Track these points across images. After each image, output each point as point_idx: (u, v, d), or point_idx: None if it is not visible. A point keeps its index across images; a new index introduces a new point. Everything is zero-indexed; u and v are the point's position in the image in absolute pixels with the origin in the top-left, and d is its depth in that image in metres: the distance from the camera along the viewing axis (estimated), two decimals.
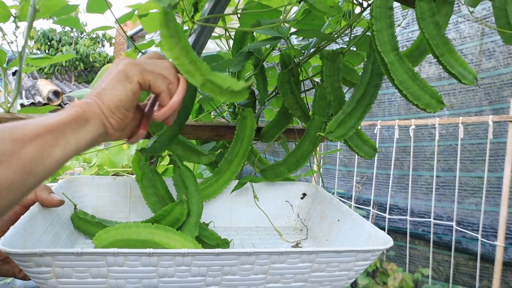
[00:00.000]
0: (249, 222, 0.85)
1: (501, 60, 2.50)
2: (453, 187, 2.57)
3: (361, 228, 0.68)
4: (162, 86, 0.53)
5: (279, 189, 0.89)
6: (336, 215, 0.76)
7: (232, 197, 0.85)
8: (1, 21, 0.72)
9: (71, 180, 0.74)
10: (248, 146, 0.78)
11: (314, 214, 0.84)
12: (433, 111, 0.64)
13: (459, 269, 2.64)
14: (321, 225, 0.80)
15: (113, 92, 0.50)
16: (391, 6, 0.66)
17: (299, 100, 0.83)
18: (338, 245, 0.71)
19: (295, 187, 0.90)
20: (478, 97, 2.60)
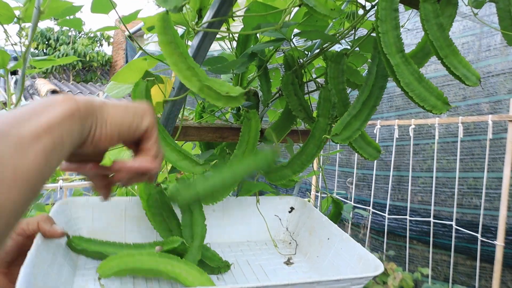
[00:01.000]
0: (241, 236, 0.87)
1: (478, 53, 2.54)
2: (452, 187, 2.57)
3: (352, 249, 0.70)
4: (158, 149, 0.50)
5: (267, 203, 0.90)
6: (326, 233, 0.78)
7: (224, 212, 0.87)
8: (5, 23, 0.72)
9: (65, 202, 0.74)
10: (253, 148, 0.78)
11: (303, 229, 0.86)
12: (439, 113, 0.64)
13: (458, 269, 2.65)
14: (311, 241, 0.82)
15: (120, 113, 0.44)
16: (397, 8, 0.66)
17: (303, 102, 0.83)
18: (329, 263, 0.74)
19: (283, 201, 0.91)
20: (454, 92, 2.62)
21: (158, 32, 0.53)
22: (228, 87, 0.57)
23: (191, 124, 0.88)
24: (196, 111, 1.02)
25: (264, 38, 0.91)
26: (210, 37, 0.71)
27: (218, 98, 0.56)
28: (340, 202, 1.09)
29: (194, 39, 0.72)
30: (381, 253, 2.90)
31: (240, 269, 0.75)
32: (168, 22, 0.53)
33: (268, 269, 0.76)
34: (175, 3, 0.51)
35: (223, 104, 0.57)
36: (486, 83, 2.47)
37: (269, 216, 0.89)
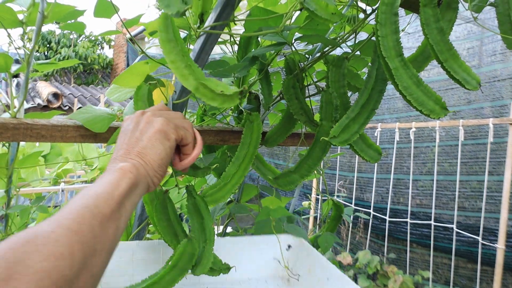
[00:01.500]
0: (242, 274, 0.89)
1: (484, 58, 2.53)
2: (453, 190, 2.57)
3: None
4: (190, 138, 0.60)
5: (265, 240, 0.93)
6: (325, 273, 0.80)
7: (224, 251, 0.88)
8: (9, 27, 0.73)
9: None
10: (254, 150, 0.79)
11: (302, 267, 0.88)
12: (436, 117, 0.64)
13: (459, 272, 2.65)
14: (310, 279, 0.84)
15: (154, 151, 0.53)
16: (396, 12, 0.67)
17: (304, 105, 0.83)
18: None
19: (281, 239, 0.94)
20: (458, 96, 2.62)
21: (159, 29, 0.54)
22: (223, 86, 0.58)
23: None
24: (198, 114, 1.02)
25: (265, 42, 0.92)
26: (212, 41, 0.72)
27: (213, 97, 0.57)
28: (340, 205, 1.09)
29: (196, 42, 0.72)
30: (381, 256, 2.90)
31: None
32: (170, 21, 0.53)
33: None
34: (178, 8, 0.52)
35: (218, 103, 0.58)
36: (491, 88, 2.47)
37: (268, 253, 0.92)
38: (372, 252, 2.99)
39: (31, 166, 1.67)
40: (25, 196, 1.89)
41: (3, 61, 0.74)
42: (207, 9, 0.67)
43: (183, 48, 0.57)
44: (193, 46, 0.77)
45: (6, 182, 0.94)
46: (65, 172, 2.15)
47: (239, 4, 0.75)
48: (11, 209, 0.97)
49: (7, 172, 0.92)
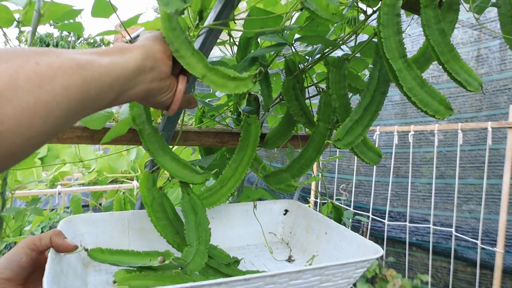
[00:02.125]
0: (241, 241, 0.90)
1: (494, 66, 2.52)
2: (452, 193, 2.57)
3: (350, 239, 0.75)
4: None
5: (262, 208, 0.94)
6: (323, 228, 0.83)
7: (223, 218, 0.90)
8: (5, 26, 0.72)
9: (69, 220, 0.76)
10: (252, 153, 0.78)
11: (299, 228, 0.90)
12: (442, 118, 0.63)
13: (458, 276, 2.64)
14: (309, 238, 0.86)
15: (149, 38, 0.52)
16: (399, 13, 0.66)
17: (303, 107, 0.82)
18: (330, 256, 0.78)
19: (277, 205, 0.96)
20: (469, 103, 2.61)
21: (162, 19, 0.52)
22: (234, 72, 0.56)
23: (191, 129, 0.88)
24: (196, 115, 1.01)
25: (265, 43, 0.91)
26: (211, 40, 0.71)
27: (223, 83, 0.55)
28: (340, 208, 1.08)
29: (196, 42, 0.71)
30: (380, 260, 2.89)
31: (246, 269, 0.76)
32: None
33: (272, 267, 0.79)
34: (177, 6, 0.51)
35: (230, 89, 0.55)
36: (503, 95, 2.45)
37: (266, 219, 0.93)
38: None
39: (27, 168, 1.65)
40: (22, 199, 1.87)
41: None
42: (206, 7, 0.66)
43: (187, 37, 0.56)
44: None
45: (1, 184, 0.92)
46: (62, 175, 2.14)
47: (238, 4, 0.74)
48: (6, 212, 0.95)
49: (3, 173, 0.90)
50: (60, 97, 0.37)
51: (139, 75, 0.48)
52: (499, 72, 2.48)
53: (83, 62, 0.40)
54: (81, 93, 0.39)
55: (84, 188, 2.05)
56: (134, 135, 0.81)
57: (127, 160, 2.20)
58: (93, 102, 0.42)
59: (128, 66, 0.46)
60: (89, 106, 0.42)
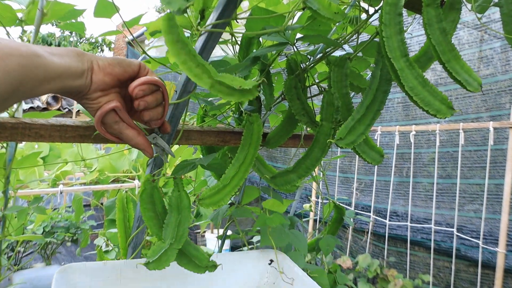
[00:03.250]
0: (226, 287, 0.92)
1: (499, 67, 2.51)
2: (453, 193, 2.57)
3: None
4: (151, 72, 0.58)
5: (248, 256, 0.97)
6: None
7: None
8: (8, 25, 0.72)
9: (64, 269, 0.78)
10: (255, 152, 0.78)
11: (283, 282, 0.92)
12: (443, 117, 0.63)
13: (460, 276, 2.63)
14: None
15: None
16: (401, 12, 0.66)
17: (305, 106, 0.82)
18: None
19: (263, 255, 0.98)
20: (476, 104, 2.61)
21: (163, 31, 0.53)
22: (240, 81, 0.57)
23: (193, 128, 0.88)
24: (198, 115, 1.01)
25: (267, 42, 0.91)
26: (214, 40, 0.71)
27: (231, 93, 0.56)
28: (342, 208, 1.08)
29: (198, 41, 0.72)
30: (381, 260, 2.89)
31: None
32: (173, 21, 0.52)
33: None
34: (179, 5, 0.51)
35: (236, 98, 0.57)
36: (507, 95, 2.45)
37: (250, 268, 0.96)
38: (373, 256, 2.98)
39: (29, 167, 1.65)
40: (24, 198, 1.87)
41: None
42: (208, 6, 0.66)
43: (191, 48, 0.56)
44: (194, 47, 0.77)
45: (4, 183, 0.93)
46: (64, 174, 2.14)
47: (240, 3, 0.74)
48: (9, 210, 0.95)
49: (5, 172, 0.91)
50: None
51: (79, 77, 0.51)
52: (503, 73, 2.48)
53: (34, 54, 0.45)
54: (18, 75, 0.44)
55: (86, 187, 2.05)
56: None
57: (129, 159, 2.20)
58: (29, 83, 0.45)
59: (71, 67, 0.49)
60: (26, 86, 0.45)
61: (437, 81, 2.77)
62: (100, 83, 0.53)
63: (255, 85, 0.55)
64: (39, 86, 0.46)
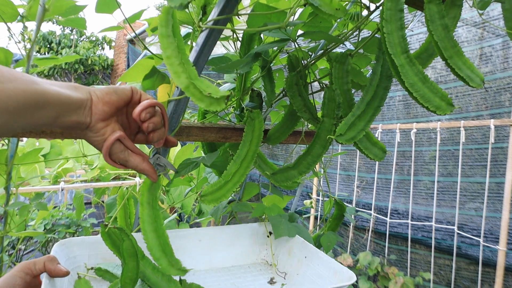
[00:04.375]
0: (226, 262, 0.93)
1: (498, 64, 2.51)
2: (454, 191, 2.57)
3: (328, 265, 0.79)
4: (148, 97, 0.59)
5: (246, 229, 0.97)
6: (303, 252, 0.86)
7: (209, 241, 0.93)
8: (9, 21, 0.72)
9: (63, 243, 0.79)
10: (256, 148, 0.78)
11: (282, 251, 0.93)
12: (443, 113, 0.64)
13: (461, 274, 2.64)
14: (290, 261, 0.89)
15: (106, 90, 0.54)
16: (402, 8, 0.66)
17: (307, 103, 0.82)
18: (309, 280, 0.81)
19: (261, 227, 0.98)
20: (475, 102, 2.61)
21: (159, 24, 0.53)
22: (213, 88, 0.57)
23: (194, 124, 0.88)
24: (200, 111, 1.01)
25: (268, 39, 0.91)
26: (215, 36, 0.71)
27: (201, 98, 0.57)
28: (342, 204, 1.08)
29: (199, 37, 0.72)
30: (382, 258, 2.89)
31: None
32: (171, 16, 0.52)
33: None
34: (181, 0, 0.51)
35: (205, 105, 0.57)
36: (506, 93, 2.45)
37: (250, 240, 0.97)
38: (374, 254, 2.98)
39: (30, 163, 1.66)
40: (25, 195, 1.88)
41: (3, 56, 0.74)
42: (210, 1, 0.66)
43: (180, 45, 0.57)
44: (195, 43, 0.77)
45: (6, 179, 0.93)
46: (65, 171, 2.14)
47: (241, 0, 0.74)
48: (11, 206, 0.96)
49: (7, 168, 0.91)
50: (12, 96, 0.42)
51: (78, 109, 0.51)
52: (502, 71, 2.47)
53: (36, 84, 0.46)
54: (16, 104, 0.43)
55: (87, 184, 2.06)
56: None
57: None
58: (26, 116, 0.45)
59: (71, 98, 0.49)
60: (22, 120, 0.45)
61: (437, 79, 2.76)
62: (100, 113, 0.53)
63: (223, 96, 0.55)
64: (39, 113, 0.46)
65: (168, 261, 0.66)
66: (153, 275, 0.68)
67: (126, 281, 0.64)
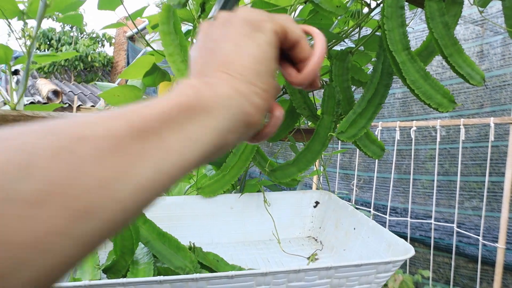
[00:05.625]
0: (262, 235, 0.82)
1: (495, 62, 2.51)
2: (454, 189, 2.57)
3: (380, 236, 0.66)
4: (299, 31, 0.34)
5: (290, 198, 0.86)
6: (352, 223, 0.74)
7: (244, 210, 0.82)
8: (9, 17, 0.72)
9: None
10: (255, 145, 0.78)
11: (329, 222, 0.81)
12: (445, 111, 0.64)
13: (460, 271, 2.64)
14: (337, 234, 0.77)
15: (241, 52, 0.31)
16: (403, 5, 0.66)
17: (307, 100, 0.82)
18: (356, 255, 0.69)
19: (307, 196, 0.87)
20: (471, 100, 2.61)
21: (160, 21, 0.53)
22: None
23: None
24: None
25: None
26: None
27: None
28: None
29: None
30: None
31: (258, 267, 0.70)
32: (172, 13, 0.53)
33: (293, 266, 0.72)
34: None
35: None
36: (502, 91, 2.45)
37: (294, 211, 0.84)
38: None
39: None
40: None
41: (3, 52, 0.74)
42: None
43: (182, 42, 0.57)
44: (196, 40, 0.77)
45: None
46: None
47: None
48: None
49: None
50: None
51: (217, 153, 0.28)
52: (499, 68, 2.48)
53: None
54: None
55: None
56: None
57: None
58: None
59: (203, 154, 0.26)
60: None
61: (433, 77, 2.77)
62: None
63: None
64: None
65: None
66: (159, 243, 0.60)
67: (123, 251, 0.56)
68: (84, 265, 0.57)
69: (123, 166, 0.21)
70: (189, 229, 0.73)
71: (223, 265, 0.63)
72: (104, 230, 0.20)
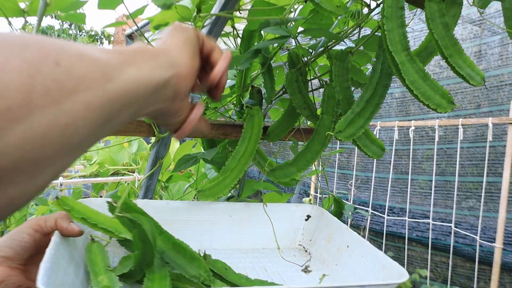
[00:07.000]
0: (257, 243, 0.84)
1: (493, 62, 2.52)
2: (451, 190, 2.58)
3: (374, 257, 0.67)
4: (213, 42, 0.48)
5: (283, 210, 0.89)
6: (345, 241, 0.75)
7: (241, 218, 0.85)
8: (10, 16, 0.72)
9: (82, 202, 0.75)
10: (255, 144, 0.78)
11: (320, 237, 0.84)
12: (443, 111, 0.64)
13: (457, 271, 2.65)
14: (329, 249, 0.79)
15: (174, 37, 0.43)
16: (403, 6, 0.66)
17: (307, 100, 0.83)
18: (349, 271, 0.70)
19: (299, 209, 0.90)
20: (468, 100, 2.62)
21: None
22: None
23: None
24: None
25: (269, 35, 0.91)
26: (216, 32, 0.71)
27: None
28: (341, 202, 1.09)
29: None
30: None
31: (258, 275, 0.71)
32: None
33: (285, 276, 0.73)
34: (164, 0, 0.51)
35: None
36: (499, 91, 2.46)
37: (286, 223, 0.87)
38: None
39: None
40: None
41: None
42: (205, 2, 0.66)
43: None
44: None
45: None
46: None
47: None
48: None
49: None
50: (81, 120, 0.27)
51: (158, 92, 0.38)
52: (496, 68, 2.49)
53: (110, 71, 0.31)
54: (102, 115, 0.30)
55: (86, 180, 2.06)
56: (137, 127, 0.81)
57: (129, 152, 2.20)
58: (110, 125, 0.32)
59: (152, 81, 0.36)
60: (105, 130, 0.32)
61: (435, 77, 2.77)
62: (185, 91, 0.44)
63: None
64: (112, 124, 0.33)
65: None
66: (174, 253, 0.61)
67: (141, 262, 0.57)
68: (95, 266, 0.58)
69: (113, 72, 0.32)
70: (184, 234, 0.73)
71: (231, 273, 0.64)
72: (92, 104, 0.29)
